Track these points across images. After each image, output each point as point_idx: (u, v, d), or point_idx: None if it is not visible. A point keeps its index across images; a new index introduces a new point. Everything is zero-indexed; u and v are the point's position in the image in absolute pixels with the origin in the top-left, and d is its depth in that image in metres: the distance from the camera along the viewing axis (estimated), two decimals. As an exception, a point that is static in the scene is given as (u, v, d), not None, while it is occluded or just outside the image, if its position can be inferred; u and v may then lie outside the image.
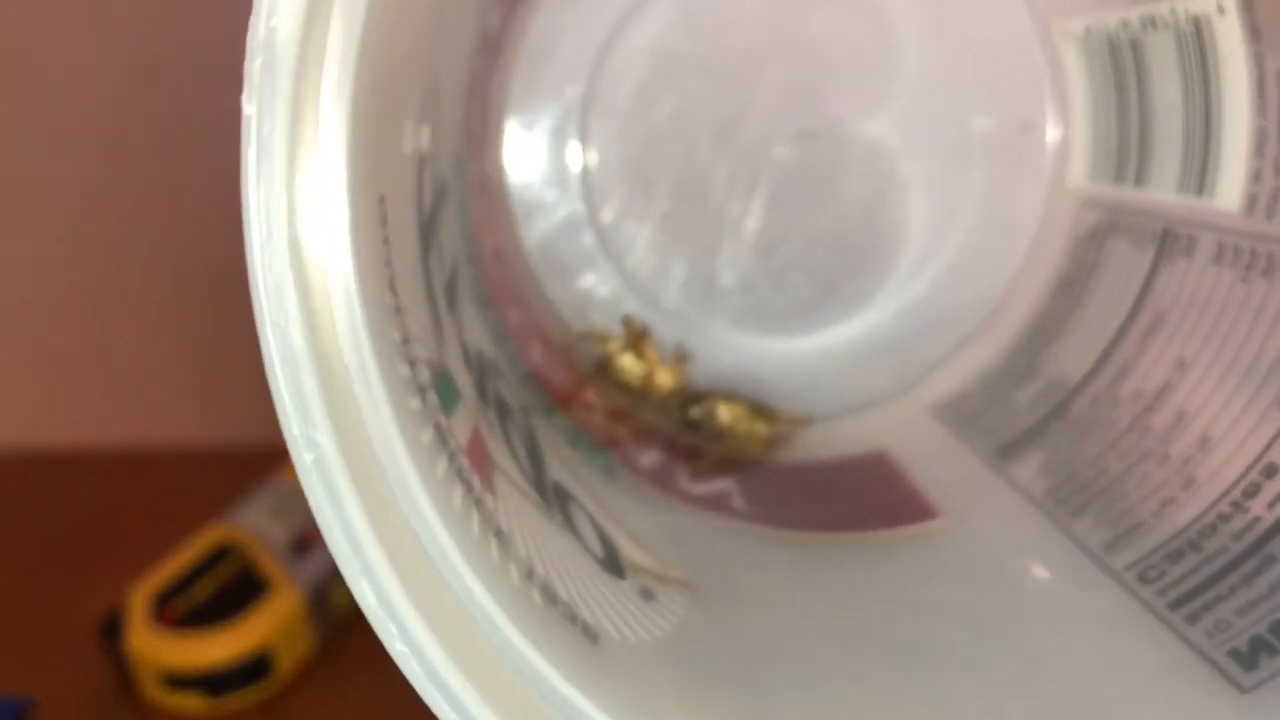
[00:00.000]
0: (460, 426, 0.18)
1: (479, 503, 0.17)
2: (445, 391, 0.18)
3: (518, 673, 0.15)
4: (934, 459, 0.30)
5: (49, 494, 0.43)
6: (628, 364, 0.33)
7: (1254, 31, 0.25)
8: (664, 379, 0.33)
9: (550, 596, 0.17)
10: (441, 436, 0.16)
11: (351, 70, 0.14)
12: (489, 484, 0.18)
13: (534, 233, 0.34)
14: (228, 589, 0.32)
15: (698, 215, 0.34)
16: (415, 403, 0.16)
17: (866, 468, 0.31)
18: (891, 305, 0.35)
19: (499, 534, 0.17)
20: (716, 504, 0.27)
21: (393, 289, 0.16)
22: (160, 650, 0.31)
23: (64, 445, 0.46)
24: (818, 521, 0.27)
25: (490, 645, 0.15)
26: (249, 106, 0.12)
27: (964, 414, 0.32)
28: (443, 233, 0.21)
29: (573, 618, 0.17)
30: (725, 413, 0.33)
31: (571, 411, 0.28)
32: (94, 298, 0.44)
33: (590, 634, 0.18)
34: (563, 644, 0.16)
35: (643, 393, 0.33)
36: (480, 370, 0.21)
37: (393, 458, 0.14)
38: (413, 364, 0.16)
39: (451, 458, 0.17)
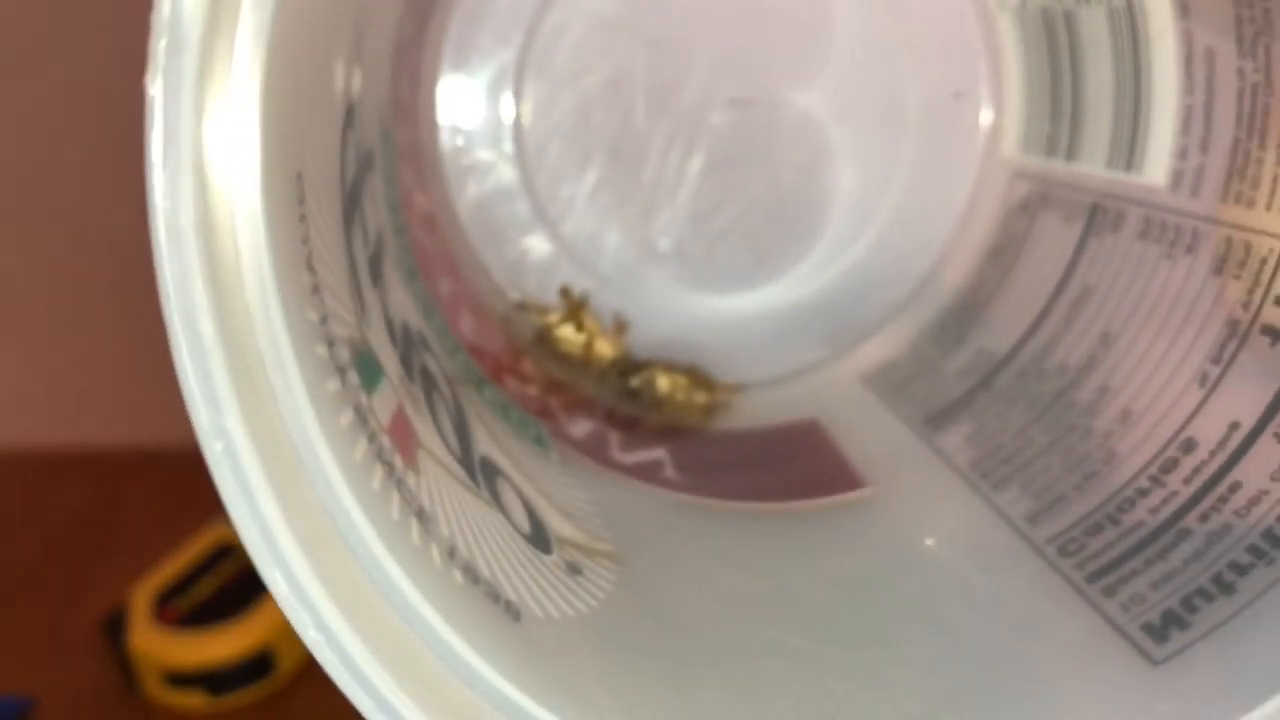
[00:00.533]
0: (383, 405, 0.18)
1: (400, 483, 0.17)
2: (367, 369, 0.17)
3: (436, 655, 0.15)
4: (864, 427, 0.31)
5: (51, 494, 0.43)
6: (567, 334, 0.33)
7: (1184, 9, 0.25)
8: (604, 348, 0.33)
9: (472, 576, 0.17)
10: (362, 417, 0.16)
11: (264, 46, 0.13)
12: (412, 462, 0.18)
13: (468, 197, 0.33)
14: (229, 588, 0.33)
15: (633, 181, 0.34)
16: (334, 384, 0.16)
17: (797, 435, 0.31)
18: (826, 272, 0.35)
19: (421, 514, 0.17)
20: (648, 474, 0.27)
21: (310, 267, 0.16)
22: (162, 649, 0.31)
23: (65, 446, 0.46)
24: (747, 491, 0.27)
25: (408, 629, 0.15)
26: (153, 88, 0.12)
27: (894, 383, 0.32)
28: (367, 204, 0.21)
29: (495, 596, 0.17)
30: (664, 382, 0.33)
31: (504, 383, 0.27)
32: (94, 298, 0.44)
33: (513, 612, 0.18)
34: (484, 624, 0.16)
35: (583, 362, 0.33)
36: (406, 344, 0.21)
37: (308, 442, 0.14)
38: (331, 344, 0.16)
39: (372, 438, 0.16)
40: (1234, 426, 0.22)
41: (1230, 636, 0.19)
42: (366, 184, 0.21)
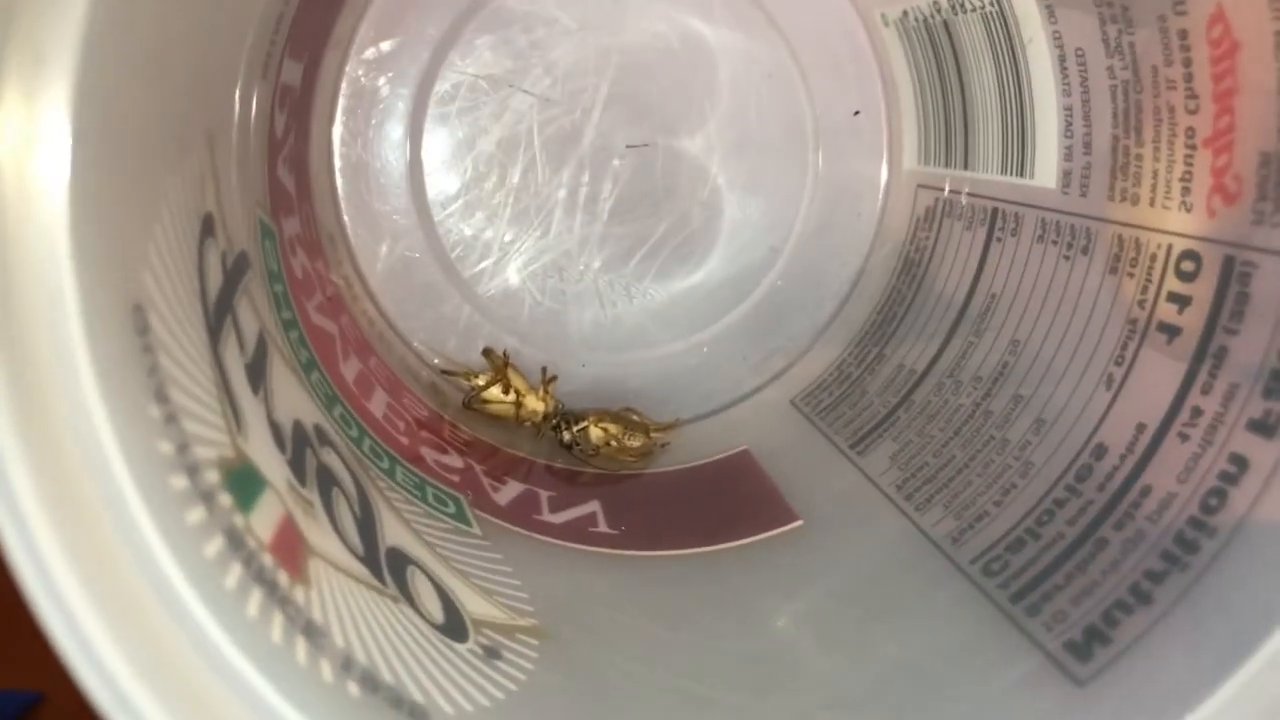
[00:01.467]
0: (263, 521, 0.17)
1: (284, 601, 0.16)
2: (243, 487, 0.17)
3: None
4: (795, 454, 0.30)
5: None
6: (496, 395, 0.33)
7: (1050, 12, 0.26)
8: (534, 405, 0.33)
9: (371, 685, 0.17)
10: (235, 540, 0.16)
11: (66, 196, 0.13)
12: (300, 575, 0.17)
13: (378, 271, 0.33)
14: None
15: (542, 235, 0.34)
16: (196, 514, 0.15)
17: (729, 470, 0.31)
18: (746, 302, 0.35)
19: (309, 630, 0.17)
20: (577, 532, 0.27)
21: (161, 398, 0.16)
22: None
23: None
24: (678, 536, 0.27)
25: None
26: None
27: (822, 405, 0.32)
28: (242, 309, 0.21)
29: (398, 702, 0.17)
30: (597, 432, 0.33)
31: (420, 461, 0.27)
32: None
33: (419, 715, 0.17)
34: (383, 736, 0.16)
35: (515, 421, 0.33)
36: (298, 445, 0.21)
37: (164, 587, 0.14)
38: (194, 471, 0.16)
39: (249, 561, 0.16)
40: (1140, 428, 0.22)
41: (1150, 648, 0.19)
42: (240, 288, 0.21)
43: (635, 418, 0.33)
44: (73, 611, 0.12)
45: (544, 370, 0.34)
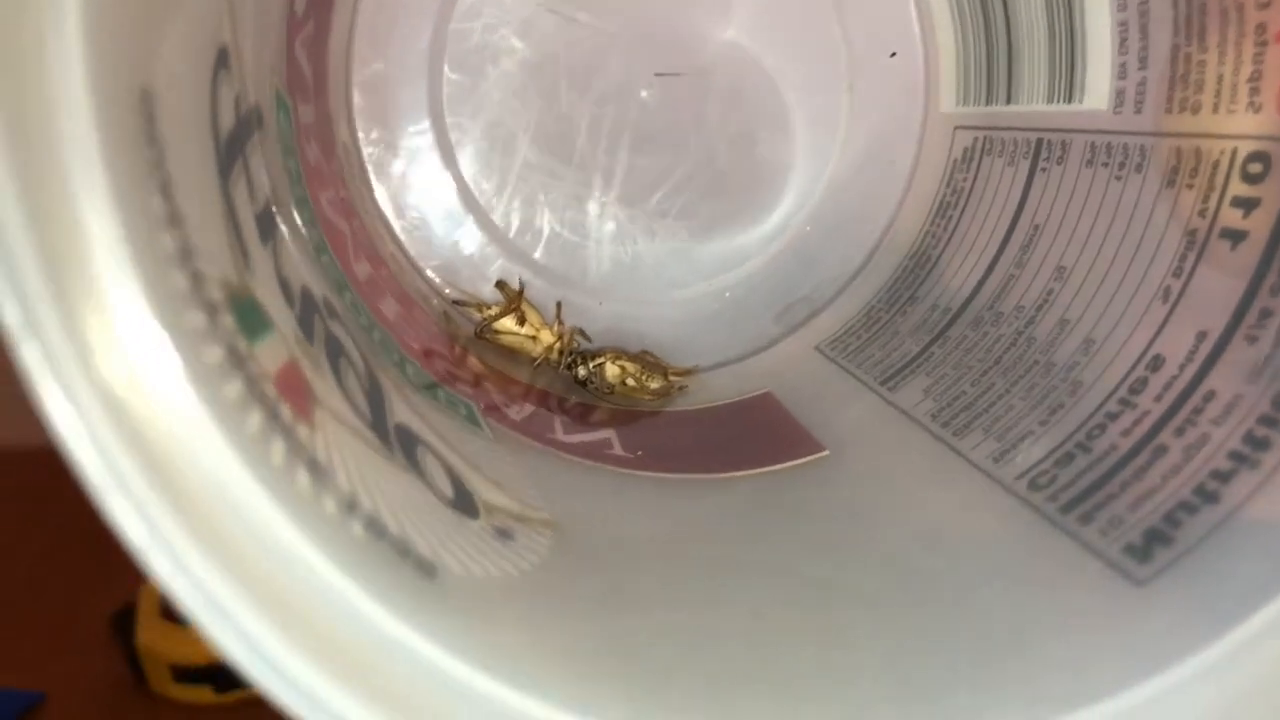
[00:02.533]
0: (268, 355, 0.16)
1: (287, 431, 0.15)
2: (248, 316, 0.16)
3: (332, 611, 0.14)
4: (821, 394, 0.29)
5: (62, 490, 0.42)
6: (509, 326, 0.32)
7: (1109, -78, 0.24)
8: (548, 339, 0.32)
9: (377, 530, 0.16)
10: (236, 358, 0.15)
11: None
12: (306, 417, 0.16)
13: (391, 190, 0.32)
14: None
15: (564, 166, 0.32)
16: (197, 318, 0.14)
17: (750, 409, 0.29)
18: (772, 246, 0.34)
19: (313, 465, 0.15)
20: (593, 451, 0.26)
21: (165, 194, 0.14)
22: (169, 644, 0.32)
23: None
24: (699, 464, 0.26)
25: (296, 581, 0.13)
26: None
27: (850, 349, 0.30)
28: (254, 162, 0.19)
29: (405, 551, 0.16)
30: (614, 370, 0.31)
31: (433, 368, 0.26)
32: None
33: (425, 568, 0.16)
34: (388, 577, 0.15)
35: (529, 355, 0.32)
36: (306, 307, 0.19)
37: (161, 376, 0.13)
38: (196, 278, 0.14)
39: (250, 382, 0.15)
40: (1202, 336, 0.21)
41: (1217, 546, 0.17)
42: (254, 142, 0.20)
43: (652, 359, 0.32)
44: (72, 388, 0.11)
45: (558, 305, 0.32)
